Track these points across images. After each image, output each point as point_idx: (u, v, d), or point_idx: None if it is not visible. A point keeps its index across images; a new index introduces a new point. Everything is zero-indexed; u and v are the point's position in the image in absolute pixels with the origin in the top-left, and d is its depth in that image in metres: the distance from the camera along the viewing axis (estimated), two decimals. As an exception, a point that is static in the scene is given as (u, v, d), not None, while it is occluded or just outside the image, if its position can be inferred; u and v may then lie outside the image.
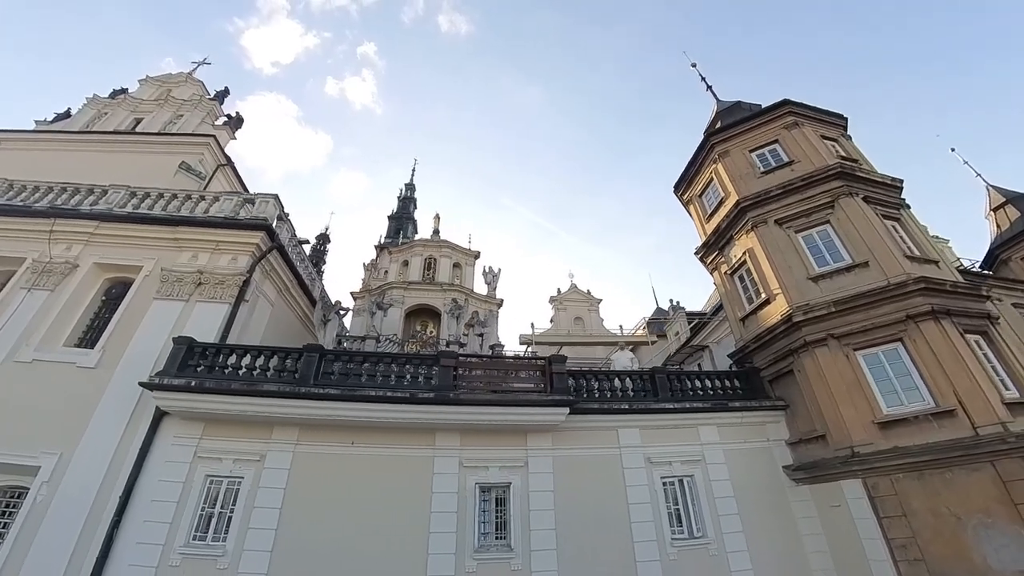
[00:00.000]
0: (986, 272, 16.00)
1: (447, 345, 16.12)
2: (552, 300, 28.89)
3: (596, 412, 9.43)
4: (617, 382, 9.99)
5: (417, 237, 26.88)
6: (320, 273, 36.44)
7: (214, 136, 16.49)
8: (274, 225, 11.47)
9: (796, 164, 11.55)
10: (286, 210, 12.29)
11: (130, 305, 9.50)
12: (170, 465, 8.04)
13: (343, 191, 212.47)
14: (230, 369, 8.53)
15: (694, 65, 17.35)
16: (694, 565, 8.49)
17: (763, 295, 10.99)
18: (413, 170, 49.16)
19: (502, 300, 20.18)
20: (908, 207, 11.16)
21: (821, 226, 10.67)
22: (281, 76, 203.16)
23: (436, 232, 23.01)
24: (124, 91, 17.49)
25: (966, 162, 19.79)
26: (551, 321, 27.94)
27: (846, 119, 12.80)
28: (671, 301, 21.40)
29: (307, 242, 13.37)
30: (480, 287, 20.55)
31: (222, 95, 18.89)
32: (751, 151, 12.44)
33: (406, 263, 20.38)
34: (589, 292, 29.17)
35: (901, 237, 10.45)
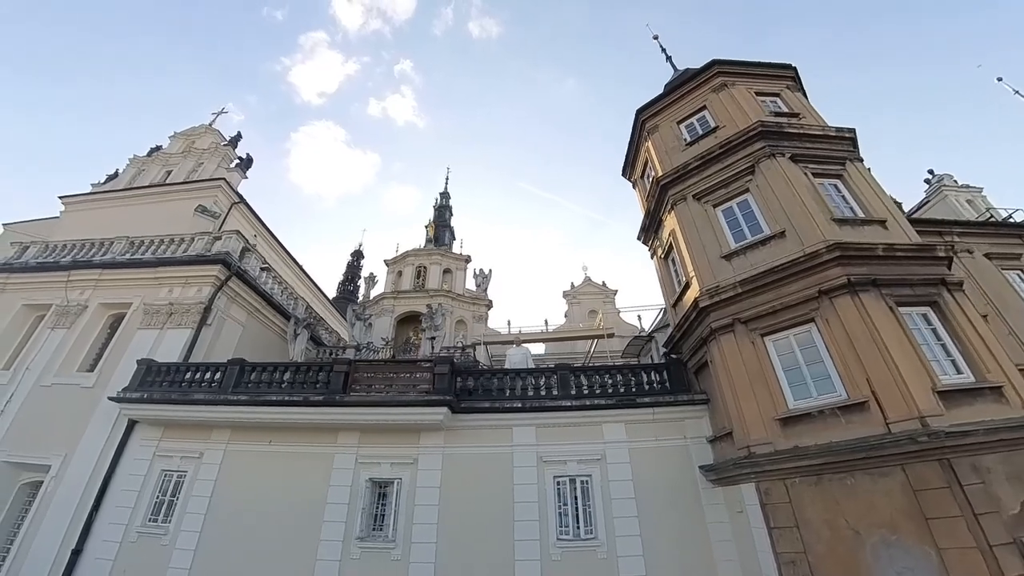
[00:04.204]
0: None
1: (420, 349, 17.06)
2: (566, 295, 28.35)
3: (489, 411, 9.51)
4: (518, 380, 9.92)
5: (454, 246, 28.40)
6: (356, 288, 39.98)
7: (224, 179, 19.19)
8: (238, 257, 13.30)
9: (720, 130, 10.28)
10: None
11: (121, 335, 11.79)
12: (136, 462, 9.95)
13: (395, 206, 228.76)
14: (177, 383, 10.23)
15: (656, 37, 16.04)
16: (579, 567, 8.21)
17: (684, 279, 10.05)
18: (447, 178, 50.95)
19: (491, 301, 20.53)
20: (859, 160, 9.34)
21: (741, 196, 9.44)
22: (328, 105, 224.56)
23: (430, 240, 24.10)
24: (159, 148, 21.13)
25: (1016, 92, 15.49)
26: (565, 316, 27.51)
27: (795, 69, 10.93)
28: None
29: (268, 268, 15.08)
30: (475, 289, 21.20)
31: (235, 140, 21.76)
32: (679, 122, 11.29)
33: (400, 273, 21.71)
34: (604, 284, 28.13)
35: (843, 197, 8.87)
